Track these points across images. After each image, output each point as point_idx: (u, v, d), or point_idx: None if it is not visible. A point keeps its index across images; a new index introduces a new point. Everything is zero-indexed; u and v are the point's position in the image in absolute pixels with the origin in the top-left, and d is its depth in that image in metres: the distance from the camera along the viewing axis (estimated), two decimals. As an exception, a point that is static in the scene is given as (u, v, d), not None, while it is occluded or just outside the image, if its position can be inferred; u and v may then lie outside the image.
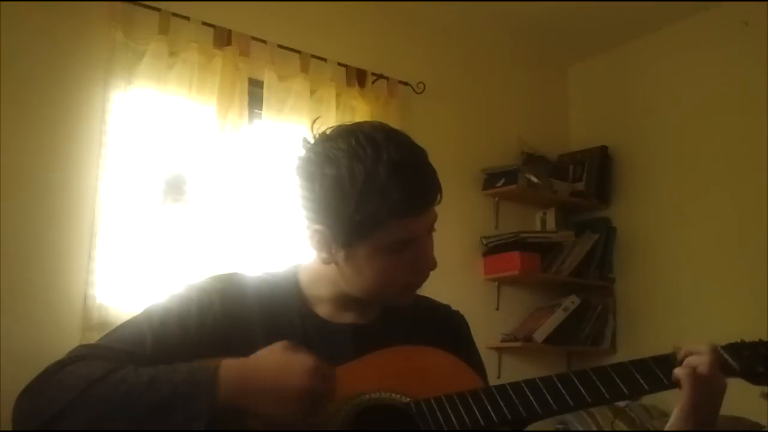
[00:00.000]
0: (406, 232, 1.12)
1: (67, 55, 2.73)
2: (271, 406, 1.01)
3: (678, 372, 1.15)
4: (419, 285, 1.21)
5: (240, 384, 1.02)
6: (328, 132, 1.17)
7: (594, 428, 3.21)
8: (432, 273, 1.20)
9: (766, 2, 3.35)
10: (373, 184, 1.08)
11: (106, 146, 2.69)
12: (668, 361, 1.18)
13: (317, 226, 1.14)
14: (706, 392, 1.14)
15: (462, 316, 1.36)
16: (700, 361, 1.15)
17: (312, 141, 1.17)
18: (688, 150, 3.68)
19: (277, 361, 1.04)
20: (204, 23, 2.96)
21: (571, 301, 3.75)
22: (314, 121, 1.20)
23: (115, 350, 1.10)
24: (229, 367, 1.03)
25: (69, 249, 2.62)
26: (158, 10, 2.85)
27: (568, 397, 1.12)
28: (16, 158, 2.57)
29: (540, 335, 3.64)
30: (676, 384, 1.17)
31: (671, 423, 1.16)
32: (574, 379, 1.14)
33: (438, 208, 1.17)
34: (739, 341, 1.23)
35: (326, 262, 1.18)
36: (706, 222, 3.54)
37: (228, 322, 1.16)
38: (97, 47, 2.76)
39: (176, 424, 0.98)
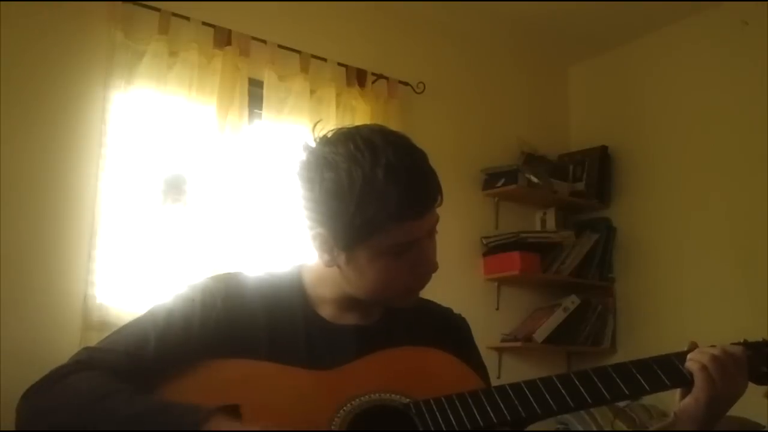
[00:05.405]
0: (406, 235, 1.12)
1: (67, 55, 2.73)
2: None
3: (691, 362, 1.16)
4: (421, 288, 1.21)
5: None
6: (328, 135, 1.16)
7: (594, 428, 3.21)
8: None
9: (766, 2, 3.35)
10: (372, 188, 1.08)
11: (106, 146, 2.70)
12: (669, 362, 1.18)
13: (318, 229, 1.15)
14: (720, 387, 1.14)
15: (464, 320, 1.36)
16: (716, 351, 1.16)
17: (312, 144, 1.17)
18: (688, 150, 3.67)
19: None
20: (204, 23, 2.96)
21: (571, 301, 3.74)
22: (315, 124, 1.20)
23: (119, 353, 1.11)
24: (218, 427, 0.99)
25: (69, 249, 2.63)
26: (158, 10, 2.86)
27: (568, 398, 1.12)
28: (16, 158, 2.57)
29: (540, 335, 3.63)
30: (676, 384, 1.17)
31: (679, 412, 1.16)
32: (575, 380, 1.14)
33: (438, 209, 1.16)
34: (742, 341, 1.23)
35: (328, 264, 1.18)
36: (706, 222, 3.54)
37: (231, 322, 1.16)
38: (97, 47, 2.76)
39: None
